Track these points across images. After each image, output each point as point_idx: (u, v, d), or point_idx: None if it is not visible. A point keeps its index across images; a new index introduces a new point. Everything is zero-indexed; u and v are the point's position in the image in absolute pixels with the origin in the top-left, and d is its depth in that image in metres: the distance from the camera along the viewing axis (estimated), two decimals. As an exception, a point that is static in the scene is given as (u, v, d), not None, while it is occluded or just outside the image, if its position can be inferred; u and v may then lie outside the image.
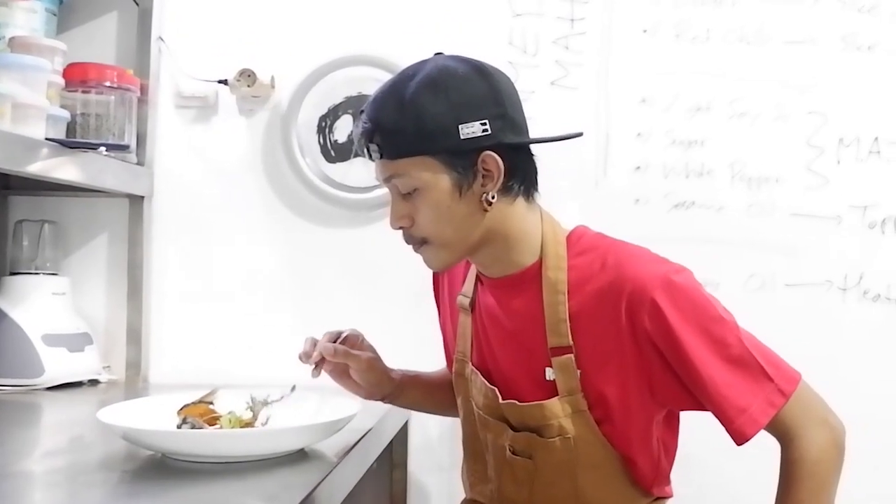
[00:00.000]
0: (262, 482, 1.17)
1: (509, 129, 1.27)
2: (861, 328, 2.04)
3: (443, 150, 1.25)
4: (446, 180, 1.26)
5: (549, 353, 1.31)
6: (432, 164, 1.26)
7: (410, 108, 1.24)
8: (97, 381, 2.03)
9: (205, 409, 1.35)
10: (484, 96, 1.26)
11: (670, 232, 2.03)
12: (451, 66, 1.28)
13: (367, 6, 2.13)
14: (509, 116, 1.27)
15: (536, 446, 1.34)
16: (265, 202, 2.15)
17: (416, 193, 1.28)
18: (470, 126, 1.24)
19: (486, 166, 1.26)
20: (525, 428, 1.35)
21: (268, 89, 2.11)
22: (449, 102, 1.24)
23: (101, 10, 2.16)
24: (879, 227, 2.04)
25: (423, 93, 1.24)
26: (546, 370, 1.32)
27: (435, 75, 1.26)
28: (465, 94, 1.25)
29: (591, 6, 2.10)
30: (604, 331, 1.28)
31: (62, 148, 1.70)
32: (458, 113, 1.24)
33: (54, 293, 2.02)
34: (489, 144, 1.25)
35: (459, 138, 1.24)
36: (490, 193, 1.27)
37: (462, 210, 1.28)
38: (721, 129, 2.06)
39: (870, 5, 2.06)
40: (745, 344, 1.26)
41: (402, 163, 1.27)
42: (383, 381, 1.49)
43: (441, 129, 1.24)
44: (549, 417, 1.31)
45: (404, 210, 1.31)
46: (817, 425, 1.26)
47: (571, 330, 1.30)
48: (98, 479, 1.21)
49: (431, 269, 1.40)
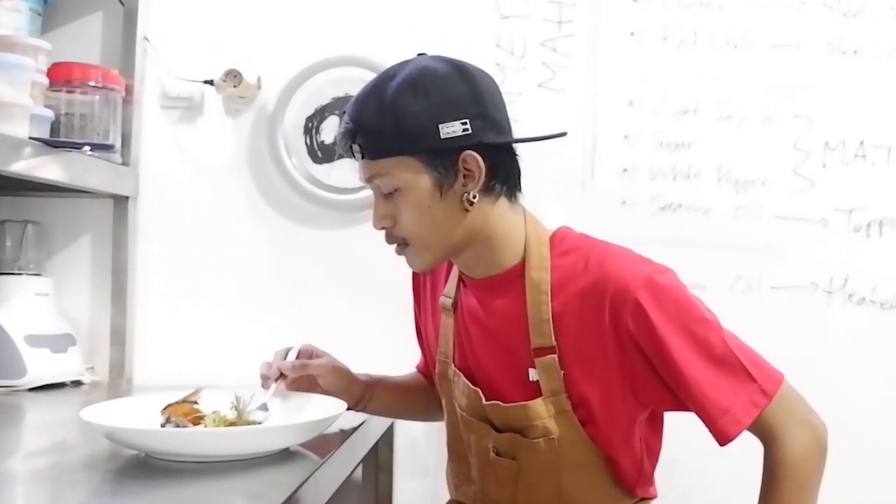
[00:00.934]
0: (247, 481, 1.16)
1: (490, 129, 1.27)
2: (846, 331, 2.05)
3: (423, 149, 1.25)
4: (427, 180, 1.26)
5: (533, 353, 1.31)
6: (413, 164, 1.26)
7: (390, 108, 1.24)
8: (80, 382, 2.01)
9: (189, 409, 1.34)
10: (464, 96, 1.26)
11: (657, 234, 2.04)
12: (431, 66, 1.28)
13: (355, 7, 2.12)
14: (490, 116, 1.27)
15: (520, 447, 1.34)
16: (251, 203, 2.14)
17: (397, 193, 1.28)
18: (450, 126, 1.24)
19: (467, 166, 1.26)
20: (509, 429, 1.35)
21: (254, 90, 2.11)
22: (429, 102, 1.24)
23: (86, 10, 2.15)
24: (865, 230, 2.05)
25: (403, 93, 1.24)
26: (529, 371, 1.32)
27: (415, 75, 1.26)
28: (445, 94, 1.25)
29: (578, 9, 2.10)
30: (587, 331, 1.28)
31: (46, 147, 1.69)
32: (437, 112, 1.24)
33: (37, 294, 2.01)
34: (470, 144, 1.25)
35: (440, 138, 1.24)
36: (471, 193, 1.27)
37: (443, 210, 1.28)
38: (708, 132, 2.07)
39: (855, 10, 2.07)
40: (729, 344, 1.26)
41: (383, 163, 1.27)
42: (352, 385, 1.48)
43: (421, 129, 1.24)
44: (533, 418, 1.31)
45: (386, 210, 1.31)
46: (800, 425, 1.26)
47: (554, 330, 1.29)
48: (81, 478, 1.19)
49: (414, 269, 1.40)
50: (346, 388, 1.47)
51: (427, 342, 1.53)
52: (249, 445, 1.24)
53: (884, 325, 2.05)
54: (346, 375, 1.48)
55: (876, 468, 2.01)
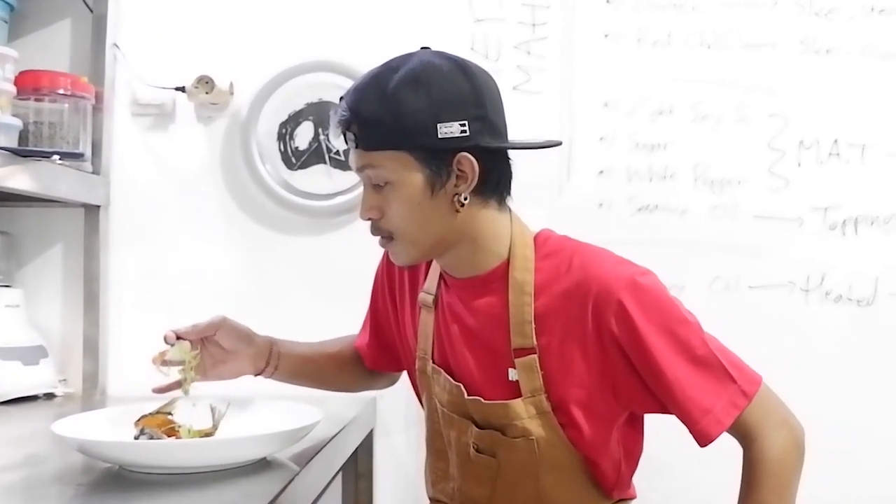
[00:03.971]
0: (223, 492, 1.15)
1: (488, 132, 1.27)
2: (824, 329, 2.05)
3: (419, 147, 1.25)
4: (419, 178, 1.26)
5: (513, 353, 1.31)
6: (407, 160, 1.26)
7: (391, 101, 1.24)
8: (53, 394, 1.98)
9: (163, 420, 1.32)
10: (465, 96, 1.26)
11: (635, 235, 2.03)
12: (435, 62, 1.28)
13: (328, 12, 2.11)
14: (489, 119, 1.28)
15: (500, 445, 1.34)
16: (225, 210, 2.12)
17: (388, 187, 1.28)
18: (448, 126, 1.24)
19: (461, 167, 1.27)
20: (489, 426, 1.35)
21: (226, 96, 2.09)
22: (430, 99, 1.24)
23: (55, 17, 2.12)
24: (840, 228, 2.06)
25: (404, 87, 1.25)
26: (509, 371, 1.32)
27: (418, 71, 1.26)
28: (447, 93, 1.25)
29: (552, 11, 2.10)
30: (568, 332, 1.29)
31: (14, 157, 1.66)
32: (437, 111, 1.24)
33: (8, 305, 1.97)
34: (466, 146, 1.26)
35: (437, 137, 1.24)
36: (463, 195, 1.28)
37: (432, 208, 1.28)
38: (684, 133, 2.07)
39: (827, 9, 2.08)
40: (709, 345, 1.28)
41: (377, 155, 1.27)
42: (254, 342, 1.48)
43: (419, 126, 1.24)
44: (513, 417, 1.31)
45: (375, 202, 1.31)
46: (778, 426, 1.27)
47: (536, 331, 1.30)
48: (53, 492, 1.17)
49: (397, 264, 1.39)
50: (248, 344, 1.47)
51: (404, 338, 1.52)
52: (226, 456, 1.23)
53: (861, 322, 2.05)
54: (246, 332, 1.48)
55: (855, 466, 2.01)
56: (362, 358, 1.62)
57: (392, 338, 1.56)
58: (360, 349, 1.63)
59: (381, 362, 1.61)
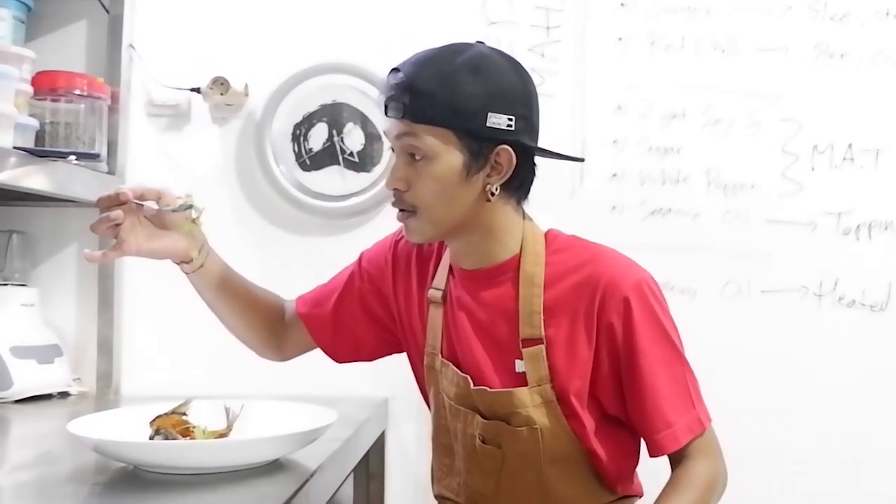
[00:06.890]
0: (237, 493, 1.15)
1: (528, 132, 1.32)
2: (836, 334, 2.04)
3: (466, 129, 1.29)
4: (458, 158, 1.29)
5: (521, 344, 1.34)
6: (451, 139, 1.29)
7: (449, 80, 1.28)
8: (67, 393, 1.99)
9: (178, 420, 1.32)
10: (518, 94, 1.31)
11: (647, 239, 2.03)
12: (494, 56, 1.33)
13: (342, 14, 2.11)
14: (532, 120, 1.33)
15: (505, 434, 1.36)
16: (239, 211, 2.13)
17: (423, 161, 1.30)
18: (498, 117, 1.28)
19: (499, 159, 1.31)
20: (494, 416, 1.37)
21: (241, 97, 2.10)
22: (486, 87, 1.28)
23: (71, 18, 2.14)
24: (854, 233, 2.05)
25: (464, 71, 1.28)
26: (516, 362, 1.35)
27: (478, 59, 1.30)
28: (502, 86, 1.30)
29: (565, 15, 2.10)
30: (574, 324, 1.33)
31: (31, 157, 1.67)
32: (490, 100, 1.28)
33: (23, 304, 1.99)
34: (508, 140, 1.30)
35: (485, 125, 1.28)
36: (494, 185, 1.31)
37: (462, 191, 1.31)
38: (696, 137, 2.07)
39: (841, 14, 2.07)
40: (686, 370, 1.35)
41: (423, 128, 1.29)
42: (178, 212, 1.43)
43: (471, 110, 1.28)
44: (518, 406, 1.34)
45: (405, 173, 1.32)
46: (715, 461, 1.34)
47: (544, 322, 1.33)
48: (68, 492, 1.18)
49: (411, 240, 1.40)
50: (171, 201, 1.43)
51: (411, 334, 1.51)
52: (240, 457, 1.23)
53: (874, 327, 2.04)
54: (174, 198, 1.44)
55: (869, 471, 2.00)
56: (304, 325, 1.56)
57: (344, 322, 1.54)
58: (303, 317, 1.57)
59: (325, 339, 1.56)
